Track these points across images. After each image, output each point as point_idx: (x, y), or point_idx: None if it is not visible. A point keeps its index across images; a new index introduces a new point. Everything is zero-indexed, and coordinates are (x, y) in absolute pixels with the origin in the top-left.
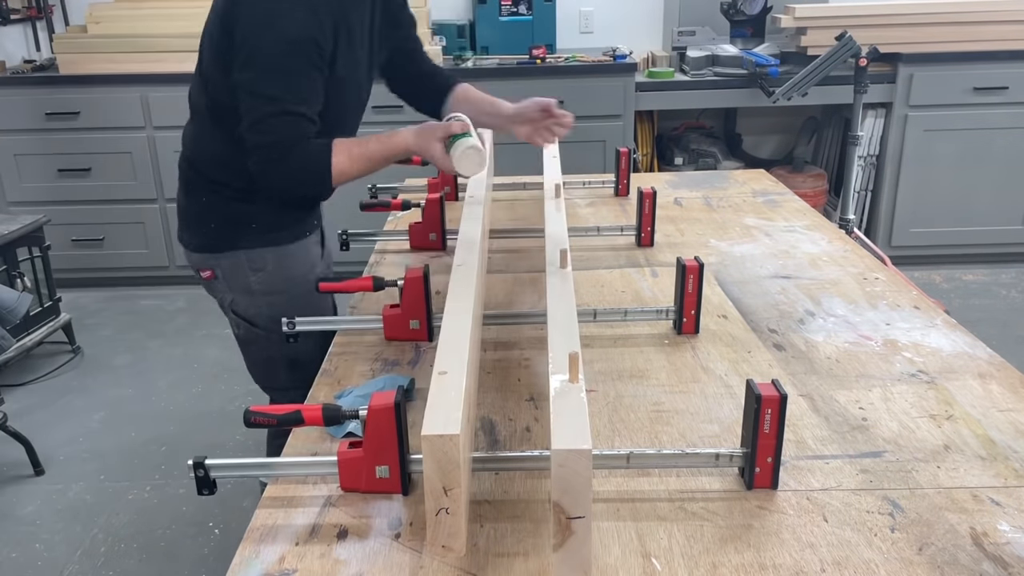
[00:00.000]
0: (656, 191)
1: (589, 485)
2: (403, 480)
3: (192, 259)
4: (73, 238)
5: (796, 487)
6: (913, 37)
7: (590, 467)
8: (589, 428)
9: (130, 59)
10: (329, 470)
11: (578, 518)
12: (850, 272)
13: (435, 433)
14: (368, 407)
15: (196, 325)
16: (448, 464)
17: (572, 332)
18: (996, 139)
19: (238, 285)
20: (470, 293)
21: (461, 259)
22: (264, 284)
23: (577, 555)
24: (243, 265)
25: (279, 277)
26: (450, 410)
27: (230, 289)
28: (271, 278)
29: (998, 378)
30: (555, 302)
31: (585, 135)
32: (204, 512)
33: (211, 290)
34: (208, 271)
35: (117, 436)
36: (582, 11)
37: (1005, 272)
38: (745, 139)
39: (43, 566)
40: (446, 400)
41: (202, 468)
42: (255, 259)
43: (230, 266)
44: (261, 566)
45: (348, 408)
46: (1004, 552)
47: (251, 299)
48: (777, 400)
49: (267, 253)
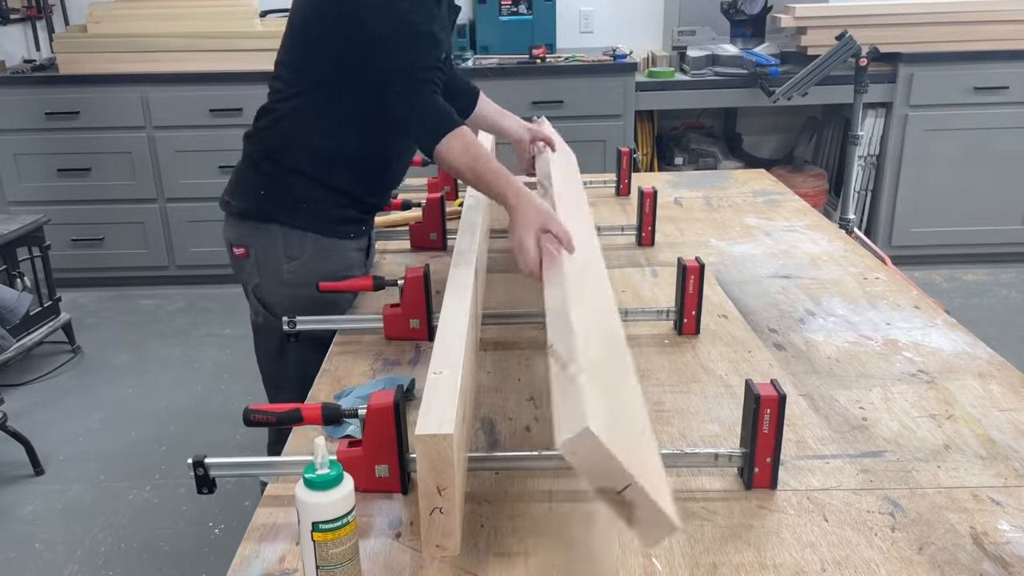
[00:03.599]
0: (657, 191)
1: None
2: (403, 479)
3: (229, 231)
4: (73, 238)
5: (796, 487)
6: (913, 37)
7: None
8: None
9: (130, 59)
10: None
11: (626, 488)
12: (850, 272)
13: (428, 433)
14: (367, 406)
15: (196, 325)
16: (442, 464)
17: None
18: (996, 139)
19: (269, 269)
20: (467, 293)
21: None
22: (296, 274)
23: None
24: (279, 249)
25: (312, 271)
26: (444, 410)
27: (259, 272)
28: (304, 269)
29: (998, 378)
30: None
31: (585, 135)
32: (204, 512)
33: (239, 270)
34: (242, 248)
35: (117, 436)
36: (582, 11)
37: (1005, 272)
38: (745, 139)
39: (43, 566)
40: (440, 400)
41: (202, 467)
42: (293, 244)
43: (265, 247)
44: (262, 565)
45: (347, 407)
46: (1004, 552)
47: (278, 287)
48: (776, 400)
49: (307, 240)
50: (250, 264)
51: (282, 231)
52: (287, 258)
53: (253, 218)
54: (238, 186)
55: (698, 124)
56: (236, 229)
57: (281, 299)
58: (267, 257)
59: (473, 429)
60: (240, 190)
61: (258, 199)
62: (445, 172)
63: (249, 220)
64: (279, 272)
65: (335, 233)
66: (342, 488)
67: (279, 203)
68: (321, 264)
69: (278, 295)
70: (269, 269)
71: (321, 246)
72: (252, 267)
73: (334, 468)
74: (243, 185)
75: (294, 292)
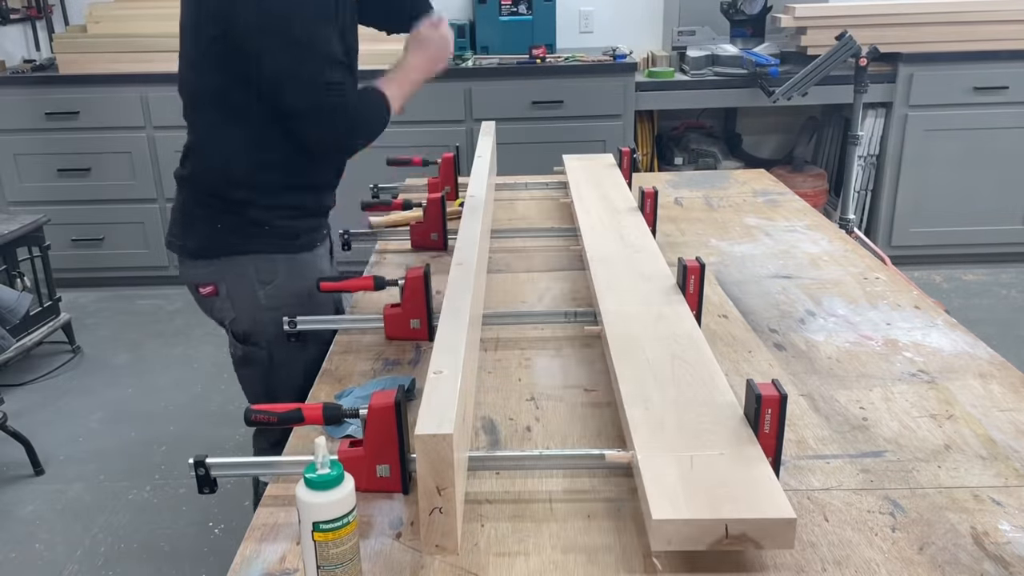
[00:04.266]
0: (657, 191)
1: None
2: (404, 479)
3: (189, 272)
4: (73, 238)
5: (797, 487)
6: (913, 37)
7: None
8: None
9: (130, 59)
10: None
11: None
12: (850, 272)
13: (428, 433)
14: (368, 406)
15: (195, 325)
16: (441, 464)
17: None
18: (996, 139)
19: (243, 301)
20: (468, 293)
21: (460, 259)
22: (273, 298)
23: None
24: (251, 277)
25: (290, 290)
26: (444, 410)
27: (233, 307)
28: (281, 291)
29: (999, 378)
30: None
31: (585, 135)
32: (204, 512)
33: (208, 308)
34: (210, 286)
35: (117, 436)
36: (582, 11)
37: (1005, 272)
38: (745, 139)
39: (43, 566)
40: (440, 400)
41: (203, 467)
42: (264, 269)
43: (235, 279)
44: (262, 565)
45: (348, 407)
46: (1005, 552)
47: (257, 314)
48: (777, 400)
49: (278, 262)
50: (220, 300)
51: (251, 259)
52: (261, 283)
53: (216, 254)
54: (189, 226)
55: (698, 124)
56: (198, 268)
57: (263, 325)
58: (239, 288)
59: (474, 429)
60: (193, 229)
61: (216, 233)
62: None
63: (211, 257)
64: (255, 299)
65: (303, 247)
66: (343, 488)
67: (240, 233)
68: (296, 280)
69: (259, 323)
70: (244, 299)
71: (293, 264)
72: (224, 303)
73: (335, 468)
74: (195, 223)
75: (275, 315)
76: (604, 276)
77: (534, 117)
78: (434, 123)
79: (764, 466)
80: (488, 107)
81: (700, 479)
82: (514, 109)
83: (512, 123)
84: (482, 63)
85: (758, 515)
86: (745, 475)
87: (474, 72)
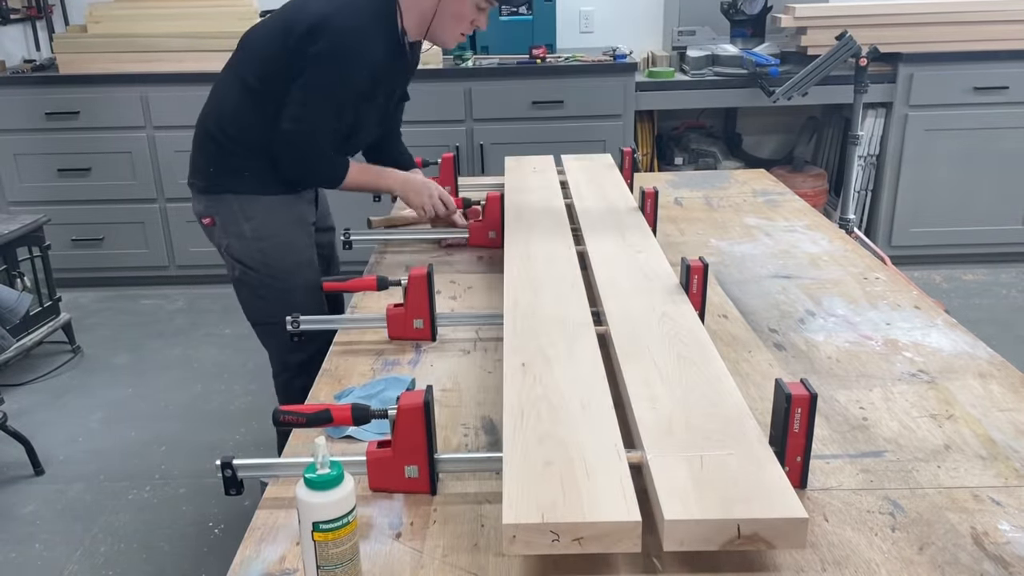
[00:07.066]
0: (658, 191)
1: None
2: (432, 480)
3: (196, 205)
4: (73, 238)
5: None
6: (913, 37)
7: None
8: None
9: (130, 59)
10: (358, 470)
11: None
12: (850, 272)
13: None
14: (397, 407)
15: (196, 325)
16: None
17: None
18: (996, 139)
19: (233, 231)
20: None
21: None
22: (256, 231)
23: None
24: (237, 213)
25: (270, 223)
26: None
27: (226, 235)
28: (263, 224)
29: (998, 378)
30: None
31: (585, 135)
32: (204, 512)
33: (210, 236)
34: (208, 218)
35: (117, 436)
36: (582, 11)
37: (1005, 272)
38: (745, 139)
39: (43, 566)
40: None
41: (230, 468)
42: (247, 207)
43: (225, 213)
44: (262, 566)
45: (377, 408)
46: (1005, 552)
47: (245, 243)
48: (807, 399)
49: (258, 202)
50: (218, 230)
51: (236, 198)
52: (246, 218)
53: (212, 191)
54: (195, 168)
55: (698, 124)
56: (201, 203)
57: (251, 252)
58: (229, 221)
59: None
60: (197, 170)
61: (209, 176)
62: None
63: (209, 194)
64: (242, 231)
65: (279, 191)
66: (342, 488)
67: (227, 176)
68: (277, 216)
69: (247, 249)
70: (233, 231)
71: (272, 203)
72: (220, 232)
73: (335, 468)
74: (197, 165)
75: (260, 245)
76: (606, 276)
77: (534, 117)
78: (434, 123)
79: (774, 466)
80: (488, 107)
81: (711, 479)
82: (514, 109)
83: (512, 123)
84: (482, 63)
85: (770, 515)
86: (755, 475)
87: (474, 72)
